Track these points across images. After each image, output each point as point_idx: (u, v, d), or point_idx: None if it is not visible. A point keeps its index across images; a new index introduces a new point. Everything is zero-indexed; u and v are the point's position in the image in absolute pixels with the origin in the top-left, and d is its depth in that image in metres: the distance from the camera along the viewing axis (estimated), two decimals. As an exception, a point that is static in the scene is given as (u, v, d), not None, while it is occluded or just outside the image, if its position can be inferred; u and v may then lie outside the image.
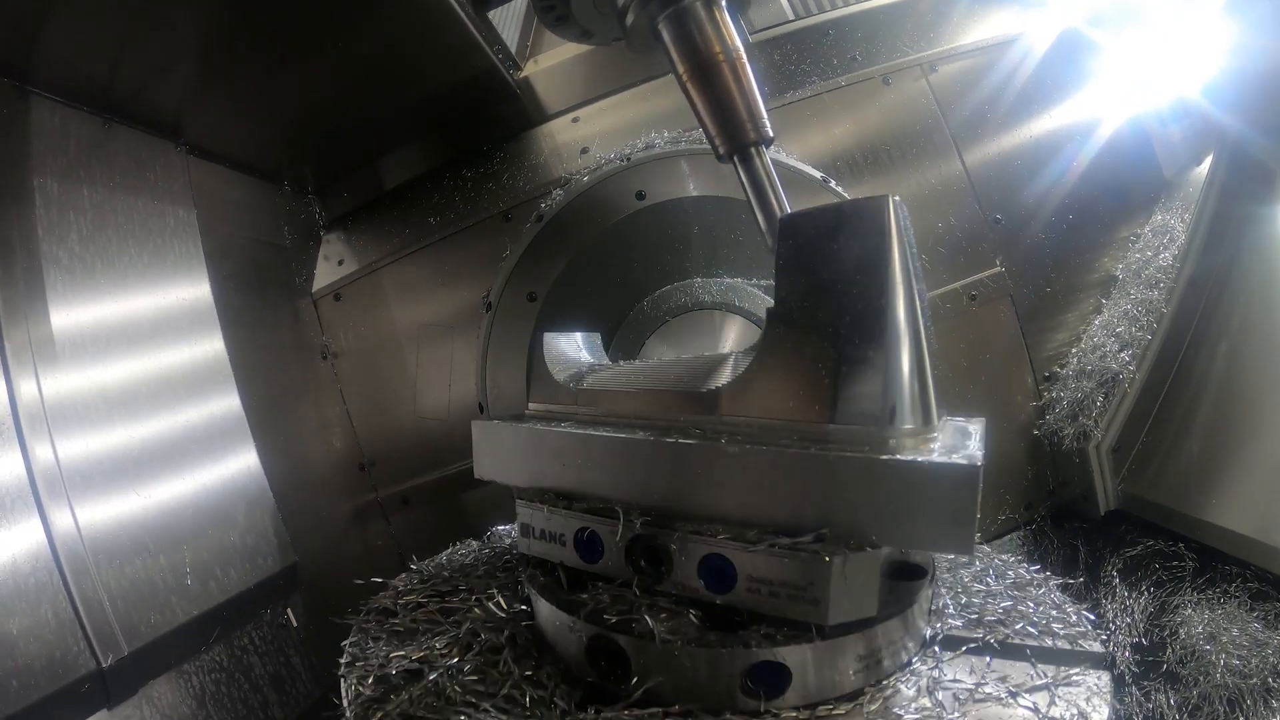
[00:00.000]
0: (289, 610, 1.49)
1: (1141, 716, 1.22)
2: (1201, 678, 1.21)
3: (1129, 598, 1.44)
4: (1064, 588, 1.03)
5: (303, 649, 1.48)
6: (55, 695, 0.98)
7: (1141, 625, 1.38)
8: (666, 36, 1.06)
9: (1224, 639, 1.25)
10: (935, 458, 0.68)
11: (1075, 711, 0.73)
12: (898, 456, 0.69)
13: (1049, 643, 0.86)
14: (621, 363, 1.20)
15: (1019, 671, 0.79)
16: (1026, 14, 1.99)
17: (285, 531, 1.52)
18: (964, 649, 0.83)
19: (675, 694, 0.74)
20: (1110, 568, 1.54)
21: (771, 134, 1.04)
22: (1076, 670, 0.80)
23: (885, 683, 0.77)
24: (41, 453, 1.08)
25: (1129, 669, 1.29)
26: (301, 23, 1.45)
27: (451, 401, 1.97)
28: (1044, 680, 0.78)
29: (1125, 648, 1.33)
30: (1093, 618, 0.93)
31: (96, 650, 1.05)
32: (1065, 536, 1.81)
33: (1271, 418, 1.42)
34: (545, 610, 0.85)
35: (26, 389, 1.09)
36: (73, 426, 1.14)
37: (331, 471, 1.94)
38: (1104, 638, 0.90)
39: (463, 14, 1.57)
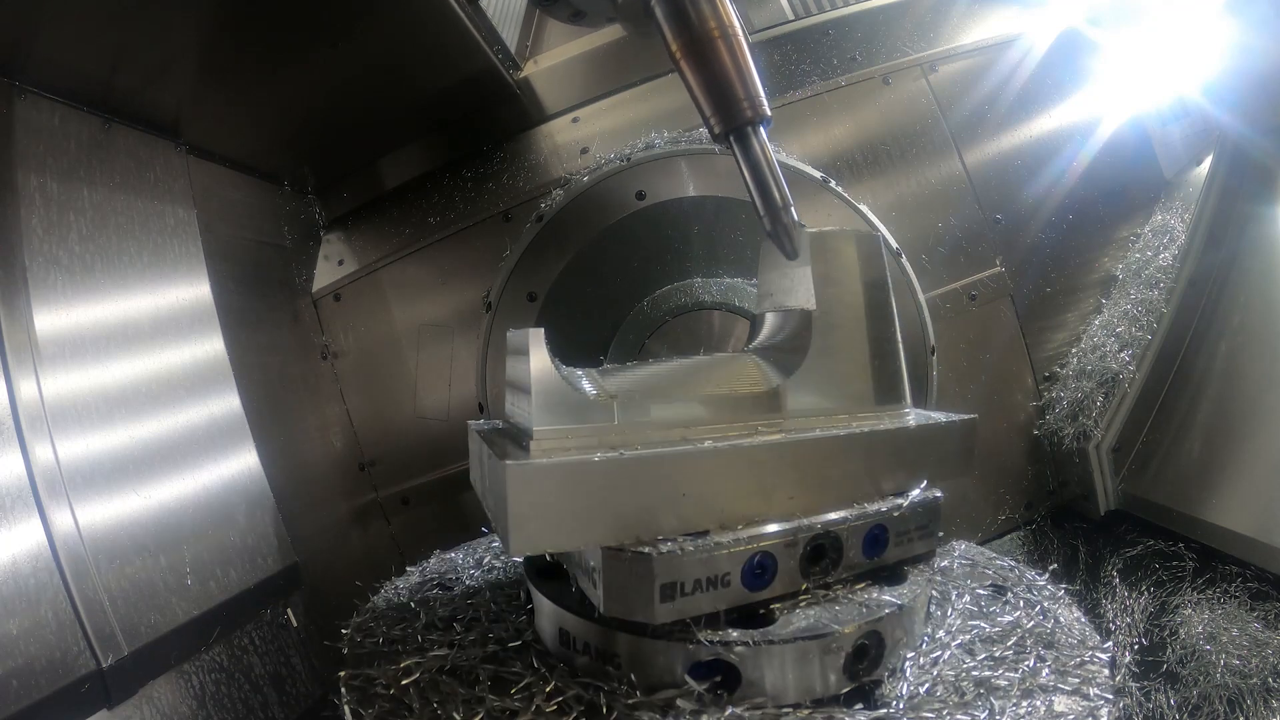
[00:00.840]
0: (289, 610, 1.49)
1: (1141, 716, 1.22)
2: (1201, 678, 1.21)
3: (1129, 598, 1.44)
4: (1064, 588, 1.03)
5: (303, 649, 1.48)
6: (55, 695, 0.98)
7: (1141, 625, 1.38)
8: (660, 13, 1.02)
9: (1224, 639, 1.25)
10: (951, 416, 0.97)
11: (1075, 711, 0.73)
12: (938, 418, 0.96)
13: (1049, 643, 0.86)
14: (611, 367, 1.16)
15: (1019, 671, 0.79)
16: (1026, 14, 1.99)
17: (285, 531, 1.52)
18: (963, 648, 0.83)
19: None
20: (1110, 568, 1.54)
21: (769, 112, 1.00)
22: (1076, 670, 0.80)
23: (885, 682, 0.77)
24: (41, 453, 1.07)
25: (1129, 669, 1.29)
26: (301, 23, 1.45)
27: (451, 401, 1.97)
28: (1044, 680, 0.78)
29: (1125, 648, 1.33)
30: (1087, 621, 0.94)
31: (96, 650, 1.05)
32: (1065, 536, 1.81)
33: (1271, 417, 1.42)
34: (546, 609, 0.84)
35: (26, 389, 1.09)
36: (73, 426, 1.14)
37: (331, 471, 1.94)
38: (1104, 638, 0.90)
39: (462, 14, 1.58)
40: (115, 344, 1.27)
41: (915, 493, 0.89)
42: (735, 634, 0.73)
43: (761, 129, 1.00)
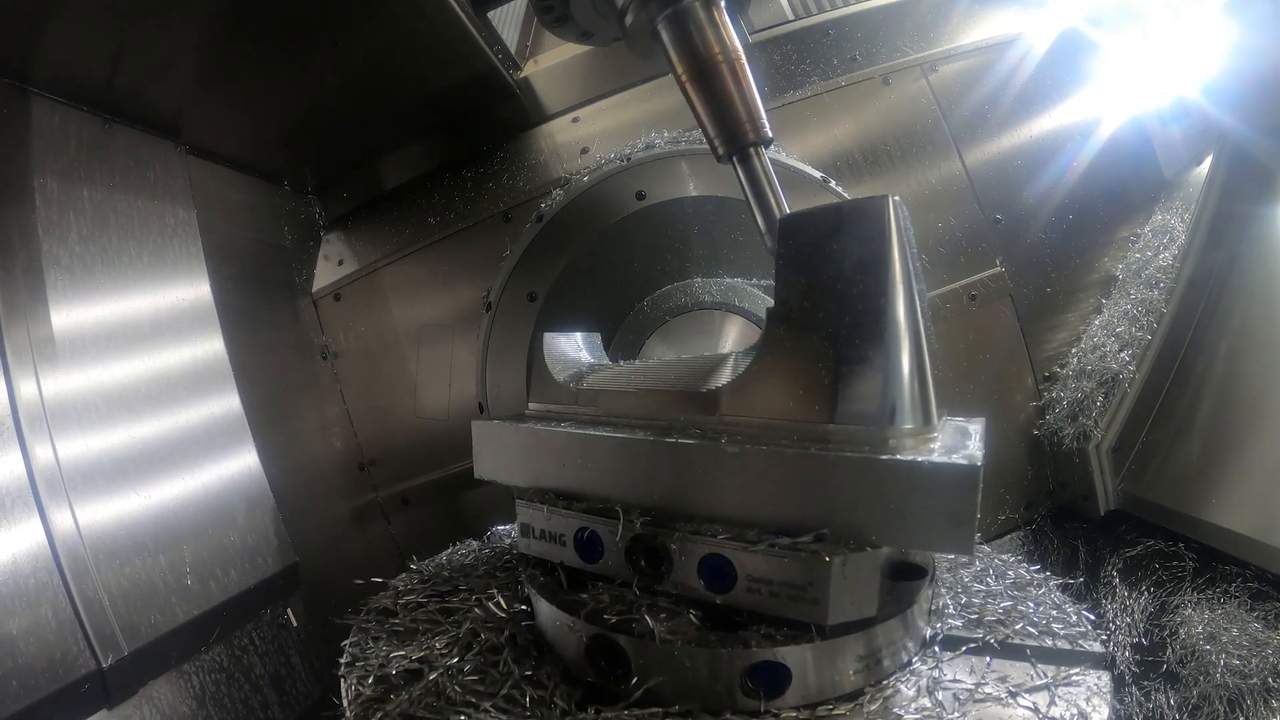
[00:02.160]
0: (289, 610, 1.49)
1: (1141, 716, 1.22)
2: (1201, 678, 1.21)
3: (1129, 598, 1.44)
4: (1064, 588, 1.03)
5: (303, 649, 1.48)
6: (55, 695, 0.98)
7: (1141, 625, 1.38)
8: (666, 38, 1.06)
9: (1224, 639, 1.25)
10: (935, 458, 0.68)
11: (1075, 711, 0.73)
12: (897, 456, 0.70)
13: (1049, 643, 0.86)
14: (621, 363, 1.20)
15: (1019, 671, 0.79)
16: (1026, 14, 1.99)
17: (285, 531, 1.52)
18: (964, 649, 0.83)
19: (675, 694, 0.74)
20: (1110, 568, 1.54)
21: (770, 135, 1.04)
22: (1076, 670, 0.80)
23: (885, 683, 0.77)
24: (41, 453, 1.08)
25: (1129, 669, 1.29)
26: (301, 23, 1.45)
27: (451, 401, 1.97)
28: (1044, 680, 0.78)
29: (1125, 648, 1.33)
30: (1093, 617, 0.94)
31: (96, 650, 1.05)
32: (1065, 536, 1.81)
33: (1271, 418, 1.41)
34: (545, 610, 0.85)
35: (26, 389, 1.09)
36: (73, 426, 1.14)
37: (331, 471, 1.94)
38: (1104, 638, 0.90)
39: (462, 14, 1.57)
40: (115, 344, 1.27)
41: (784, 540, 0.72)
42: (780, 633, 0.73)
43: (763, 150, 1.04)
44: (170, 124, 1.49)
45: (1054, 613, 0.93)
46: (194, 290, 1.48)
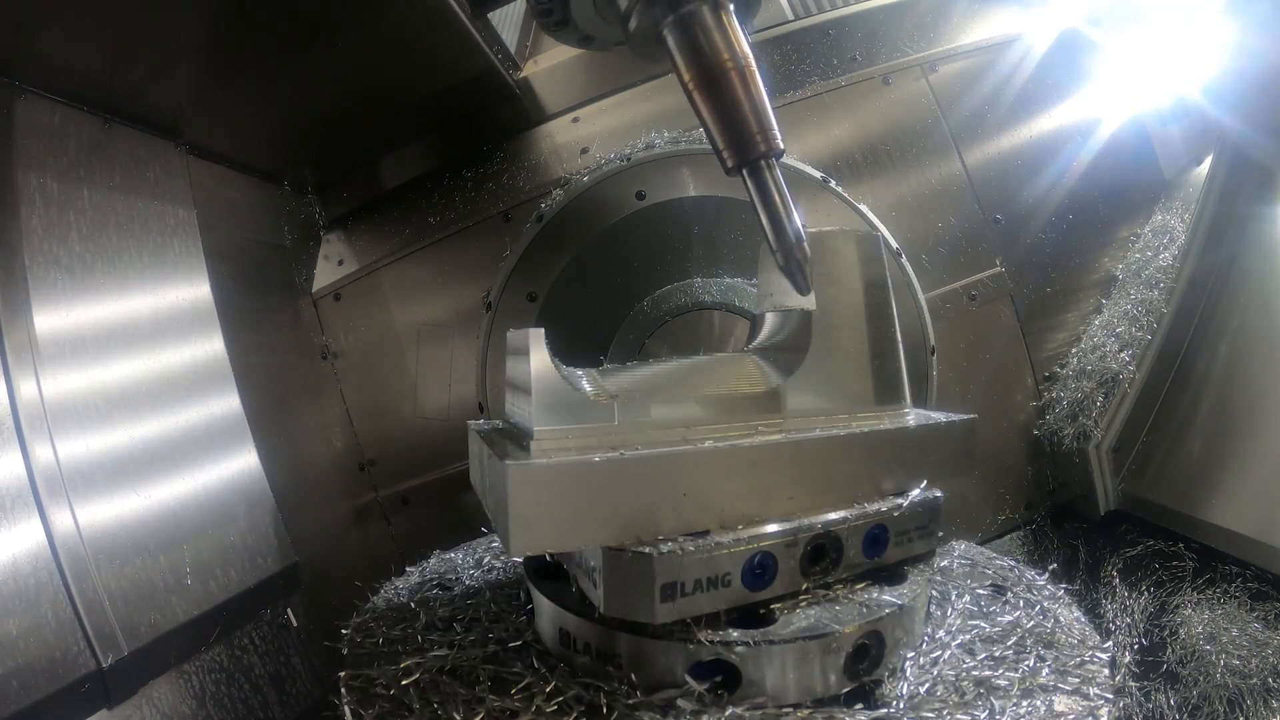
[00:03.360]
0: (289, 610, 1.49)
1: (1141, 716, 1.22)
2: (1201, 678, 1.21)
3: (1129, 598, 1.44)
4: (1064, 587, 1.03)
5: (303, 649, 1.48)
6: (55, 695, 0.98)
7: (1141, 625, 1.38)
8: (672, 43, 1.01)
9: (1224, 639, 1.25)
10: (952, 416, 0.98)
11: (1075, 711, 0.73)
12: (938, 418, 0.97)
13: (1049, 643, 0.86)
14: (611, 367, 1.16)
15: (1019, 671, 0.79)
16: (1026, 14, 1.99)
17: (285, 531, 1.52)
18: (963, 648, 0.83)
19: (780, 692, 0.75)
20: (1110, 568, 1.54)
21: (782, 146, 0.98)
22: (1077, 670, 0.80)
23: (885, 682, 0.77)
24: (41, 453, 1.08)
25: (1129, 669, 1.29)
26: (302, 23, 1.45)
27: (451, 402, 1.97)
28: (1044, 680, 0.78)
29: (1125, 648, 1.33)
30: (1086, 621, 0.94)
31: (96, 650, 1.05)
32: (1065, 536, 1.81)
33: (1271, 418, 1.41)
34: (546, 609, 0.84)
35: (26, 389, 1.09)
36: (73, 426, 1.14)
37: (331, 471, 1.94)
38: (1103, 637, 0.90)
39: (462, 15, 1.57)
40: (115, 344, 1.27)
41: (915, 493, 0.89)
42: (736, 634, 0.73)
43: (774, 162, 0.98)
44: (170, 124, 1.49)
45: (1054, 612, 0.93)
46: (194, 290, 1.48)
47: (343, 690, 0.84)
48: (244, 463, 1.48)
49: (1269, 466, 1.38)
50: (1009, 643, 0.85)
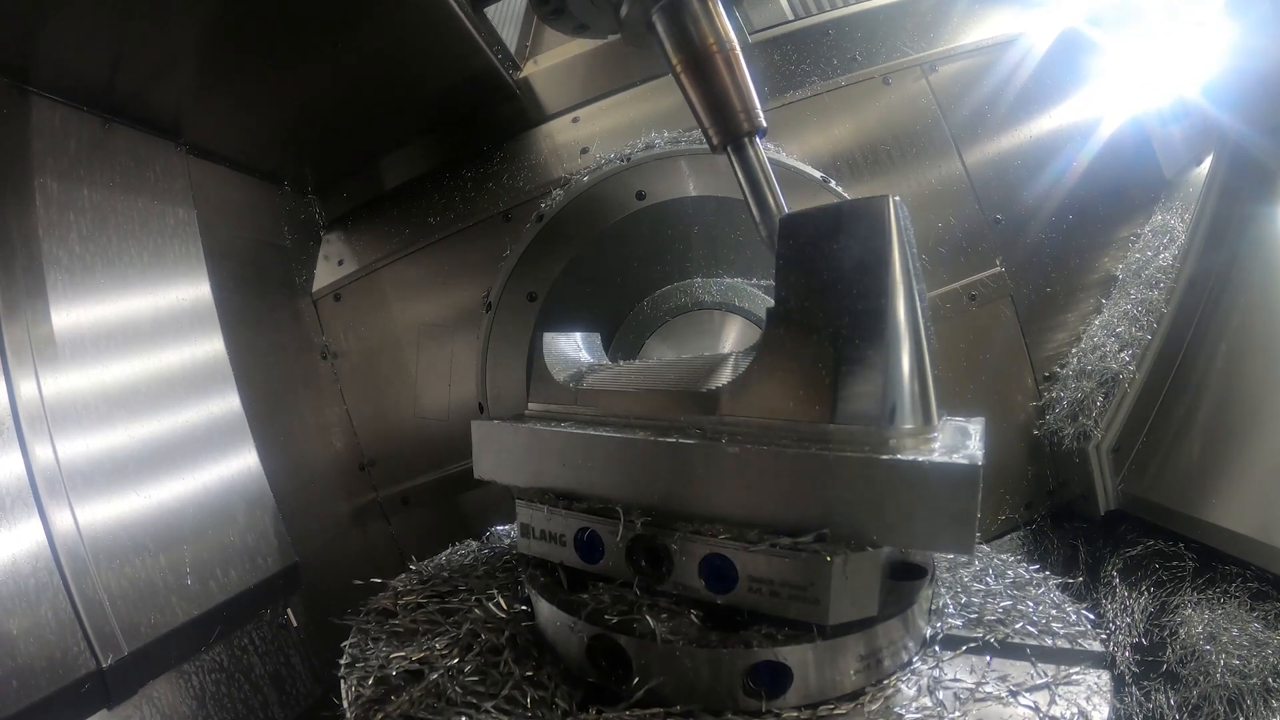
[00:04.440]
0: (289, 610, 1.49)
1: (1141, 716, 1.22)
2: (1201, 678, 1.21)
3: (1129, 598, 1.44)
4: (1064, 587, 1.03)
5: (303, 649, 1.48)
6: (55, 695, 0.98)
7: (1141, 625, 1.38)
8: (660, 29, 1.07)
9: (1224, 639, 1.25)
10: (935, 457, 0.68)
11: (1075, 711, 0.73)
12: (898, 456, 0.69)
13: (1049, 642, 0.86)
14: (621, 362, 1.20)
15: (1019, 671, 0.79)
16: (1026, 14, 1.99)
17: (285, 531, 1.52)
18: (964, 649, 0.83)
19: (676, 694, 0.74)
20: (1110, 568, 1.54)
21: (764, 124, 1.04)
22: (1076, 669, 0.80)
23: (886, 682, 0.77)
24: (41, 453, 1.08)
25: (1129, 669, 1.29)
26: (301, 23, 1.45)
27: (451, 401, 1.97)
28: (1044, 680, 0.78)
29: (1125, 648, 1.33)
30: (1092, 617, 0.93)
31: (96, 650, 1.05)
32: (1065, 536, 1.81)
33: (1271, 418, 1.41)
34: (545, 610, 0.85)
35: (26, 389, 1.09)
36: (73, 426, 1.14)
37: (331, 471, 1.94)
38: (1104, 637, 0.90)
39: (462, 14, 1.57)
40: (115, 344, 1.27)
41: (785, 540, 0.72)
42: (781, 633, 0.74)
43: (758, 140, 1.04)
44: (170, 124, 1.49)
45: (1053, 612, 0.93)
46: (194, 290, 1.48)
47: (343, 690, 0.84)
48: (244, 463, 1.48)
49: (1269, 466, 1.38)
50: (1008, 641, 0.85)
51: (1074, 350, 1.91)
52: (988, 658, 0.82)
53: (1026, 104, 1.94)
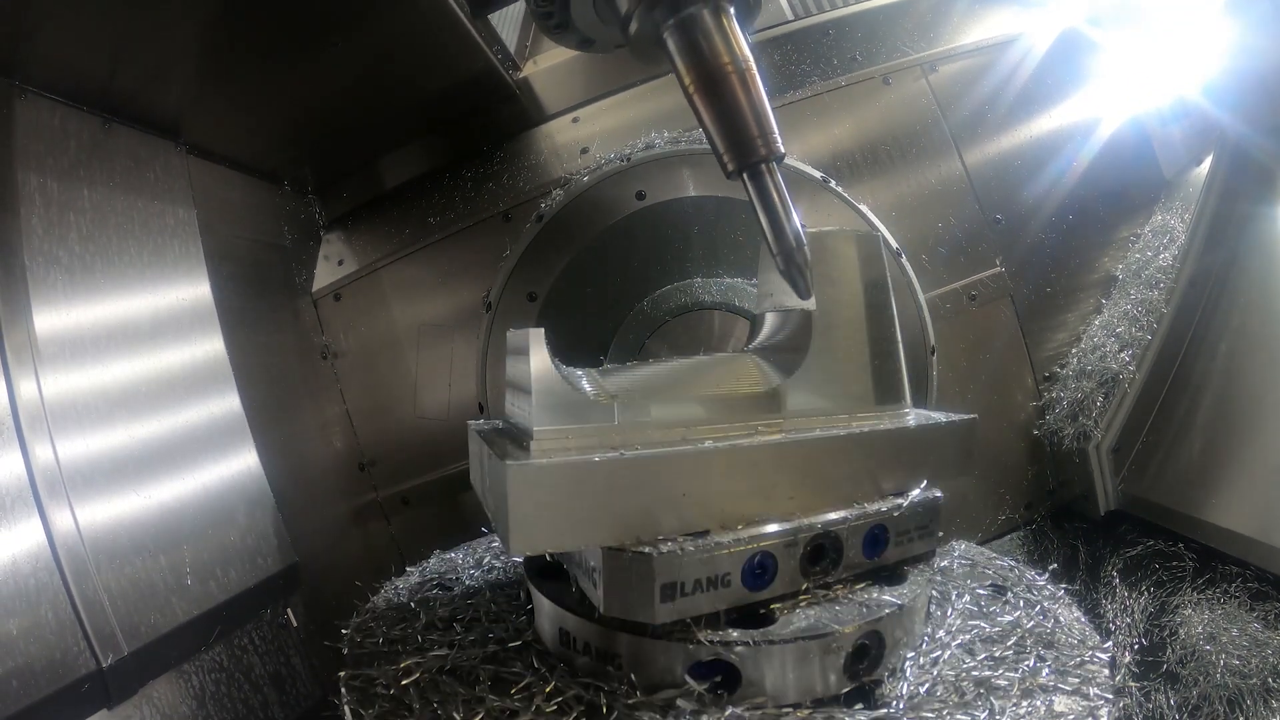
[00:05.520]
0: (289, 610, 1.49)
1: (1141, 716, 1.22)
2: (1201, 678, 1.21)
3: (1129, 598, 1.44)
4: (1064, 588, 1.03)
5: (303, 649, 1.48)
6: (55, 695, 0.98)
7: (1141, 625, 1.38)
8: (672, 46, 1.00)
9: (1224, 639, 1.25)
10: (959, 416, 0.98)
11: (1075, 711, 0.73)
12: (940, 420, 0.97)
13: (1049, 643, 0.86)
14: (611, 367, 1.16)
15: (1019, 671, 0.79)
16: (1026, 14, 1.99)
17: (285, 531, 1.52)
18: (962, 648, 0.83)
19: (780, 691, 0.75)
20: (1110, 568, 1.54)
21: (783, 151, 0.98)
22: (1077, 670, 0.80)
23: (884, 681, 0.77)
24: (41, 453, 1.08)
25: (1129, 669, 1.29)
26: (301, 23, 1.45)
27: (451, 401, 1.97)
28: (1044, 680, 0.78)
29: (1125, 648, 1.33)
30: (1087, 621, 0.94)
31: (96, 650, 1.05)
32: (1065, 536, 1.81)
33: (1271, 418, 1.42)
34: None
35: (26, 389, 1.09)
36: (73, 426, 1.14)
37: (332, 471, 1.94)
38: (1104, 637, 0.90)
39: (461, 15, 1.57)
40: (115, 344, 1.27)
41: (915, 493, 0.89)
42: (735, 634, 0.73)
43: (775, 167, 0.97)
44: (170, 124, 1.49)
45: (1054, 612, 0.93)
46: (194, 290, 1.48)
47: (343, 690, 0.84)
48: (244, 463, 1.48)
49: (1269, 466, 1.38)
50: (1009, 643, 0.85)
51: (1074, 350, 1.92)
52: (987, 658, 0.82)
53: (1026, 104, 1.95)
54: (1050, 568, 1.09)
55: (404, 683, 0.81)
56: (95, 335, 1.24)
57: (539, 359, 0.78)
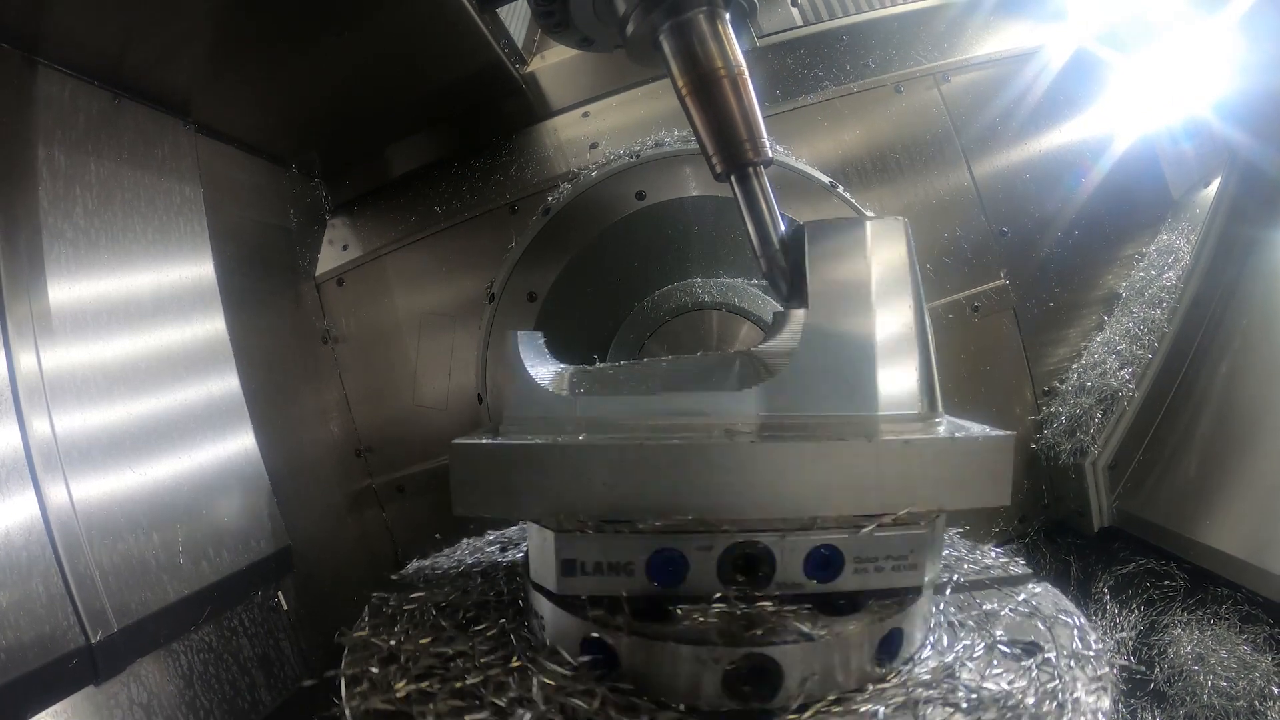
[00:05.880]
0: (280, 594, 1.49)
1: (1127, 734, 1.23)
2: (1188, 698, 1.22)
3: (1119, 615, 1.44)
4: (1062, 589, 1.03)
5: (292, 633, 1.48)
6: (42, 670, 0.98)
7: (1131, 643, 1.38)
8: (667, 48, 1.04)
9: (1212, 660, 1.25)
10: (988, 431, 0.82)
11: (1076, 707, 0.73)
12: (956, 434, 0.81)
13: (1049, 641, 0.86)
14: (602, 365, 1.15)
15: (1019, 670, 0.79)
16: (1041, 28, 1.98)
17: (279, 515, 1.51)
18: (967, 644, 0.83)
19: (824, 688, 0.72)
20: (1101, 584, 1.54)
21: (770, 155, 1.01)
22: (1077, 667, 0.80)
23: (896, 673, 0.77)
24: (39, 426, 1.07)
25: (1116, 686, 1.29)
26: (313, 9, 1.45)
27: (450, 391, 1.97)
28: (1044, 677, 0.78)
29: (1113, 666, 1.33)
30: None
31: (86, 626, 1.05)
32: (1058, 552, 1.81)
33: (1268, 441, 1.42)
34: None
35: (26, 362, 1.08)
36: (71, 401, 1.14)
37: (328, 457, 1.94)
38: (1103, 637, 0.90)
39: (469, 8, 1.57)
40: (117, 319, 1.27)
41: (887, 517, 0.77)
42: (614, 618, 0.74)
43: (762, 170, 1.01)
44: (180, 102, 1.49)
45: (1053, 611, 0.93)
46: (197, 269, 1.48)
47: (343, 690, 0.83)
48: (241, 444, 1.48)
49: (1263, 489, 1.38)
50: (1010, 637, 0.85)
51: (1074, 366, 1.92)
52: (983, 663, 0.82)
53: (1037, 118, 1.94)
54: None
55: (403, 682, 0.79)
56: (97, 310, 1.24)
57: (519, 358, 0.90)
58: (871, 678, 0.75)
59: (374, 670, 0.80)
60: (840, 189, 1.54)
